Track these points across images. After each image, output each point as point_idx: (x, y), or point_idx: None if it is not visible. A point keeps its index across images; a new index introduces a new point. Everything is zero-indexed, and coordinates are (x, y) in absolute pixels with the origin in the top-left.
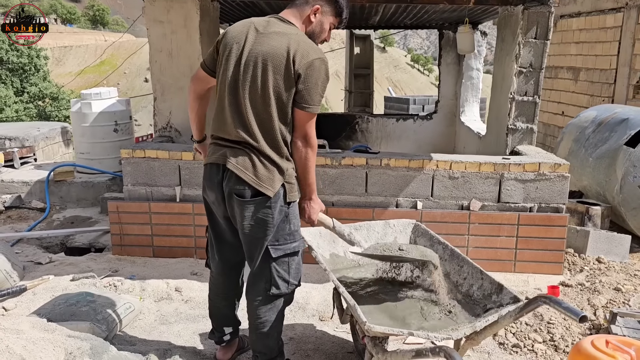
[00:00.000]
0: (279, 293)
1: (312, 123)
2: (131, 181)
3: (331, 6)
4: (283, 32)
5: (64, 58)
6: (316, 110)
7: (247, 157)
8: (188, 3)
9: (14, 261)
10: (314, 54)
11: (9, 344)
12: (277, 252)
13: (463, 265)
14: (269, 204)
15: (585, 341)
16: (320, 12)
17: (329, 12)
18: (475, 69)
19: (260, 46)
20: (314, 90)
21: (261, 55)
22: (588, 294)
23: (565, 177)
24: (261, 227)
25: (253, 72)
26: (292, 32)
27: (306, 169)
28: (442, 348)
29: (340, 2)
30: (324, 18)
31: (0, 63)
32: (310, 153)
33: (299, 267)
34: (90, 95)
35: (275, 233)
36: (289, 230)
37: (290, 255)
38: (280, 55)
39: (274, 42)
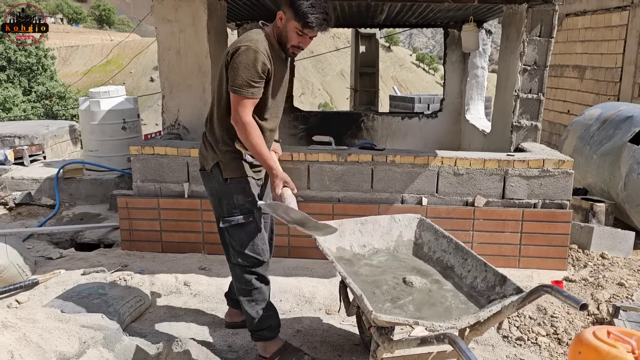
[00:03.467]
0: (237, 262)
1: (241, 105)
2: (140, 177)
3: (291, 10)
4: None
5: (70, 58)
6: (239, 92)
7: (202, 140)
8: (196, 2)
9: (26, 256)
10: (242, 42)
11: (25, 332)
12: (225, 223)
13: (467, 257)
14: (210, 178)
15: (587, 332)
16: (285, 18)
17: (291, 17)
18: (480, 67)
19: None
20: (235, 72)
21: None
22: (592, 289)
23: (569, 173)
24: (211, 198)
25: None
26: (248, 32)
27: (250, 147)
28: (446, 335)
29: (298, 6)
30: (288, 23)
31: (8, 63)
32: (242, 131)
33: (250, 239)
34: (99, 93)
35: (223, 206)
36: (234, 204)
37: (236, 227)
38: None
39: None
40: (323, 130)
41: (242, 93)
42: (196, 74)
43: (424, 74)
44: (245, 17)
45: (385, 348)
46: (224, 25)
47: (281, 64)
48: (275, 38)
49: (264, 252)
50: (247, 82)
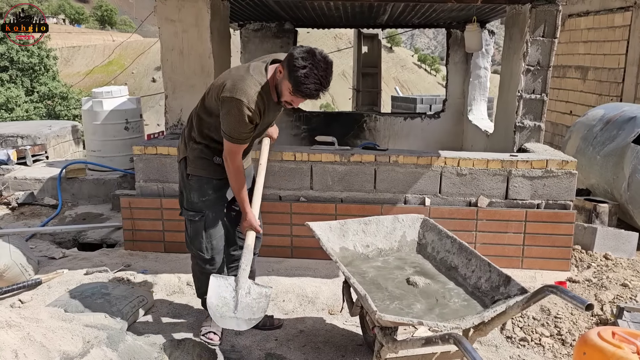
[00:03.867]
0: (190, 252)
1: (232, 150)
2: (143, 177)
3: (287, 71)
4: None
5: (72, 58)
6: (229, 139)
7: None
8: (199, 2)
9: (29, 255)
10: (235, 93)
11: (29, 331)
12: (182, 213)
13: (471, 258)
14: (179, 168)
15: (591, 332)
16: (282, 74)
17: (286, 77)
18: (483, 67)
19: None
20: (225, 120)
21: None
22: (595, 290)
23: (572, 174)
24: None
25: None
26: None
27: (233, 187)
28: (451, 335)
29: (295, 71)
30: (283, 81)
31: (11, 63)
32: (230, 174)
33: (196, 236)
34: (102, 93)
35: (183, 199)
36: (189, 199)
37: (188, 221)
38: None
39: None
40: (325, 130)
41: (233, 141)
42: (199, 74)
43: (425, 74)
44: (248, 18)
45: (389, 348)
46: (227, 25)
47: (274, 109)
48: (273, 86)
49: (207, 250)
50: (237, 132)
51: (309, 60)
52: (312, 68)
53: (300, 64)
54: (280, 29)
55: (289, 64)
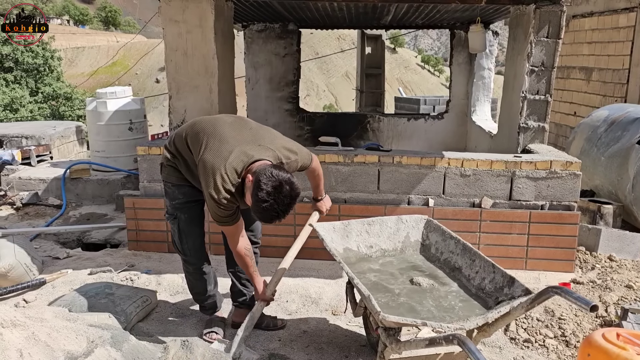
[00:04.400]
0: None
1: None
2: (147, 178)
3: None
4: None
5: (76, 59)
6: (219, 223)
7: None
8: (203, 3)
9: (34, 255)
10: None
11: (34, 330)
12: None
13: (475, 259)
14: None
15: (596, 334)
16: (249, 183)
17: (249, 194)
18: (487, 68)
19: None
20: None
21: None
22: (599, 291)
23: (576, 175)
24: None
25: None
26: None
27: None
28: (455, 335)
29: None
30: (248, 191)
31: (15, 64)
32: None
33: (175, 237)
34: (106, 94)
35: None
36: (166, 203)
37: (169, 222)
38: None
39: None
40: (329, 131)
41: (221, 224)
42: (203, 75)
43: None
44: (251, 18)
45: (392, 349)
46: (230, 26)
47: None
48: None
49: (184, 250)
50: (219, 217)
51: (272, 196)
52: (274, 204)
53: (263, 197)
54: (284, 29)
55: (254, 189)
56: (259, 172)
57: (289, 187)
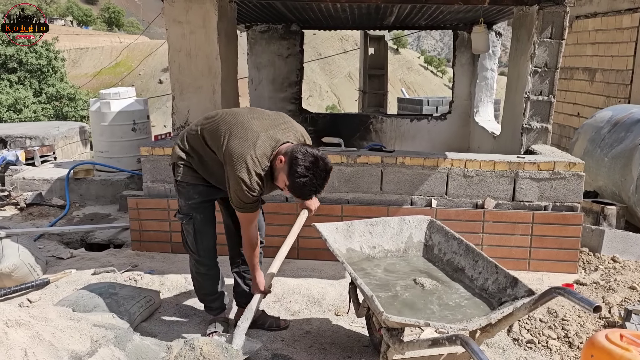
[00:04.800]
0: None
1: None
2: (150, 178)
3: (287, 171)
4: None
5: (80, 60)
6: (239, 210)
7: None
8: (206, 4)
9: (38, 255)
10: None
11: (38, 330)
12: (177, 214)
13: (478, 260)
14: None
15: (599, 335)
16: (280, 165)
17: (285, 173)
18: (490, 69)
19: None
20: (236, 197)
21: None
22: (603, 292)
23: (580, 176)
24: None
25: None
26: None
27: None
28: (458, 336)
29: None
30: (280, 172)
31: (19, 65)
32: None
33: (188, 237)
34: (109, 94)
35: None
36: (180, 203)
37: (182, 222)
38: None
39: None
40: (332, 132)
41: (242, 210)
42: (206, 76)
43: (432, 76)
44: (255, 19)
45: (395, 349)
46: (234, 27)
47: (272, 185)
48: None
49: (198, 251)
50: (242, 204)
51: (311, 171)
52: (312, 178)
53: (302, 172)
54: (287, 30)
55: (290, 166)
56: (292, 151)
57: (323, 162)
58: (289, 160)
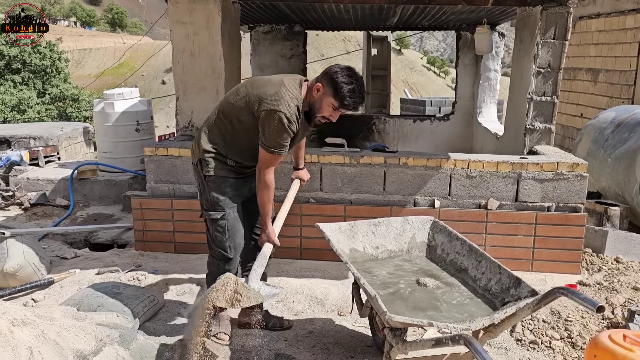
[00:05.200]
0: (212, 252)
1: (269, 162)
2: (154, 178)
3: (331, 88)
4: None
5: (83, 60)
6: (271, 151)
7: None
8: (210, 5)
9: (42, 255)
10: (277, 106)
11: (44, 329)
12: (204, 214)
13: (481, 260)
14: (195, 170)
15: (602, 335)
16: (321, 90)
17: (329, 93)
18: (493, 70)
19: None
20: (269, 134)
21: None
22: (606, 293)
23: (583, 176)
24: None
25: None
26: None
27: (258, 199)
28: (461, 336)
29: (340, 88)
30: (324, 97)
31: (23, 65)
32: (260, 188)
33: (218, 235)
34: (113, 95)
35: (202, 200)
36: (210, 200)
37: (211, 221)
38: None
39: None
40: (335, 132)
41: (274, 152)
42: (210, 76)
43: (434, 77)
44: (258, 20)
45: (399, 349)
46: (237, 28)
47: (305, 126)
48: (306, 103)
49: (230, 249)
50: (279, 144)
51: (353, 78)
52: (357, 84)
53: (347, 80)
54: (290, 31)
55: (333, 82)
56: (327, 73)
57: (354, 70)
58: (329, 80)
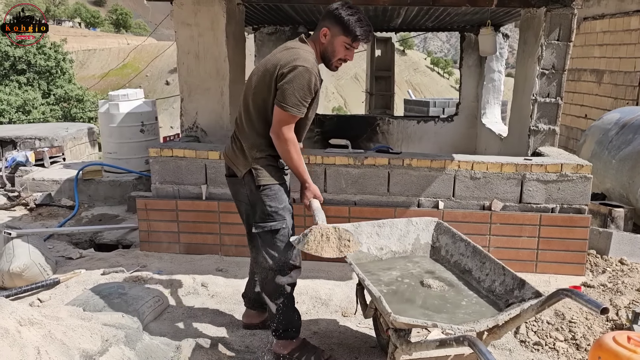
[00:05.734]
0: (270, 267)
1: (286, 121)
2: (159, 179)
3: (338, 26)
4: (289, 47)
5: (87, 61)
6: (289, 110)
7: (231, 144)
8: (215, 6)
9: (48, 255)
10: (300, 62)
11: (50, 329)
12: (258, 228)
13: (485, 261)
14: (242, 184)
15: (606, 337)
16: (329, 33)
17: (338, 32)
18: (497, 71)
19: (267, 60)
20: (289, 90)
21: (263, 65)
22: (610, 295)
23: (587, 178)
24: (241, 203)
25: (255, 76)
26: (297, 47)
27: (287, 160)
28: (466, 337)
29: (346, 21)
30: (334, 38)
31: (28, 66)
32: (284, 147)
33: (283, 245)
34: (118, 96)
35: (255, 212)
36: (267, 211)
37: (271, 233)
38: (276, 62)
39: (278, 54)
40: (339, 133)
41: (291, 111)
42: (214, 78)
43: (438, 77)
44: (262, 21)
45: (403, 350)
46: (242, 29)
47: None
48: (318, 54)
49: (296, 257)
50: (299, 101)
51: (354, 8)
52: (360, 13)
53: (351, 12)
54: (294, 32)
55: (338, 19)
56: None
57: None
58: (334, 19)
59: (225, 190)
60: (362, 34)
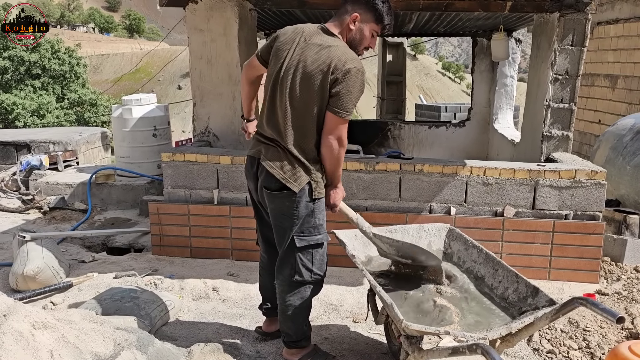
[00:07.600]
0: (302, 280)
1: (344, 127)
2: (171, 184)
3: (370, 13)
4: (327, 45)
5: (101, 66)
6: (347, 116)
7: (277, 154)
8: (227, 12)
9: (61, 259)
10: (352, 64)
11: (63, 332)
12: (302, 242)
13: (498, 268)
14: (294, 198)
15: (622, 346)
16: (360, 19)
17: (369, 19)
18: (509, 76)
19: (304, 55)
20: (346, 97)
21: (303, 64)
22: (625, 303)
23: (602, 184)
24: (287, 218)
25: (293, 79)
26: (334, 44)
27: (337, 165)
28: (479, 345)
29: (379, 8)
30: (364, 25)
31: (43, 71)
32: (341, 153)
33: (322, 259)
34: (131, 101)
35: (301, 225)
36: (314, 224)
37: (314, 247)
38: (322, 65)
39: (318, 54)
40: (350, 138)
41: (348, 117)
42: (227, 83)
43: (449, 82)
44: (274, 27)
45: (415, 357)
46: (254, 34)
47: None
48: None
49: (324, 273)
50: (354, 104)
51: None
52: (389, 2)
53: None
54: None
55: (372, 7)
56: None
57: None
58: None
59: (237, 195)
60: (390, 22)
